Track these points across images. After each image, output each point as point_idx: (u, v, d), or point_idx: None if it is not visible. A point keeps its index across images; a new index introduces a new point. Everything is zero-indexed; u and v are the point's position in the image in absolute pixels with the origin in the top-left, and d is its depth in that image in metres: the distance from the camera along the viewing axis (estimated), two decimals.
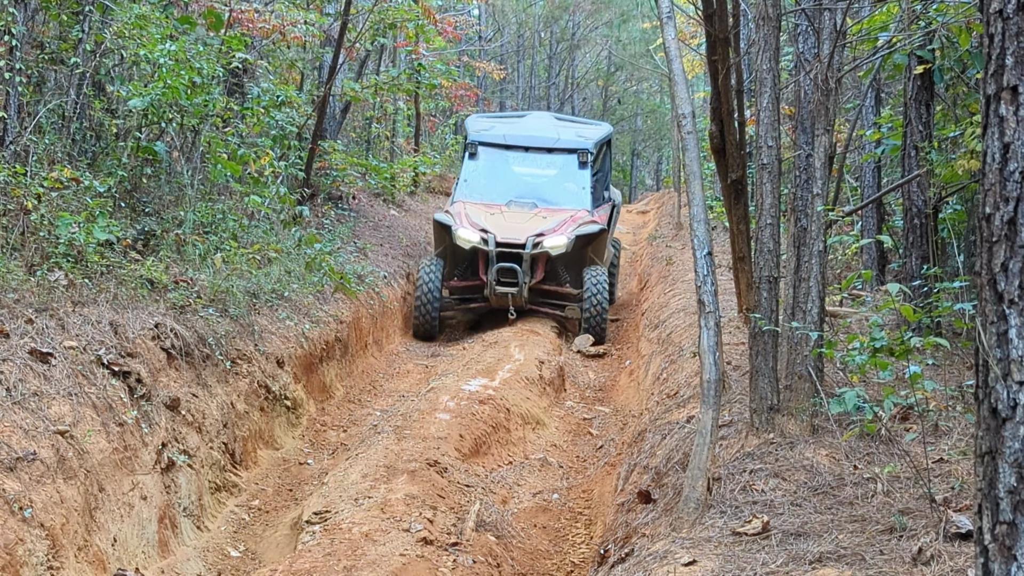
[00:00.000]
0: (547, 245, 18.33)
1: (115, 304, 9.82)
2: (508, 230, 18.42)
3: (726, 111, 11.21)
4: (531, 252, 18.17)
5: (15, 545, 6.76)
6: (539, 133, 20.88)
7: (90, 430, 8.12)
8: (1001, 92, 3.11)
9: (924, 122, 11.08)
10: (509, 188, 19.84)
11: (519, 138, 20.57)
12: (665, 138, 54.02)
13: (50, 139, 11.32)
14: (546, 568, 9.23)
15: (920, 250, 11.09)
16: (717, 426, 7.50)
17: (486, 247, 18.25)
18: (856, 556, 5.76)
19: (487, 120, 22.62)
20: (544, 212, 19.14)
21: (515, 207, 19.31)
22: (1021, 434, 3.03)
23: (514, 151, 20.41)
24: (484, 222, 18.61)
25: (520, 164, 20.31)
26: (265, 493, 10.75)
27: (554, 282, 18.81)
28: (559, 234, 18.49)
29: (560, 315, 18.77)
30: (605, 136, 21.53)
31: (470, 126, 21.49)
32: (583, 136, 20.85)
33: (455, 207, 19.36)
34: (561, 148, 20.32)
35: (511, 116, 23.81)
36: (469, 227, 18.50)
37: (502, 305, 18.30)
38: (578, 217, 19.02)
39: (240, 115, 15.52)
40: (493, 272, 18.13)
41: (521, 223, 18.67)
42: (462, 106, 33.45)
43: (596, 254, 18.99)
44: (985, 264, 3.14)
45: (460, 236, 18.44)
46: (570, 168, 20.13)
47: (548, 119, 22.76)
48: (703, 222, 7.87)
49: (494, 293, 18.18)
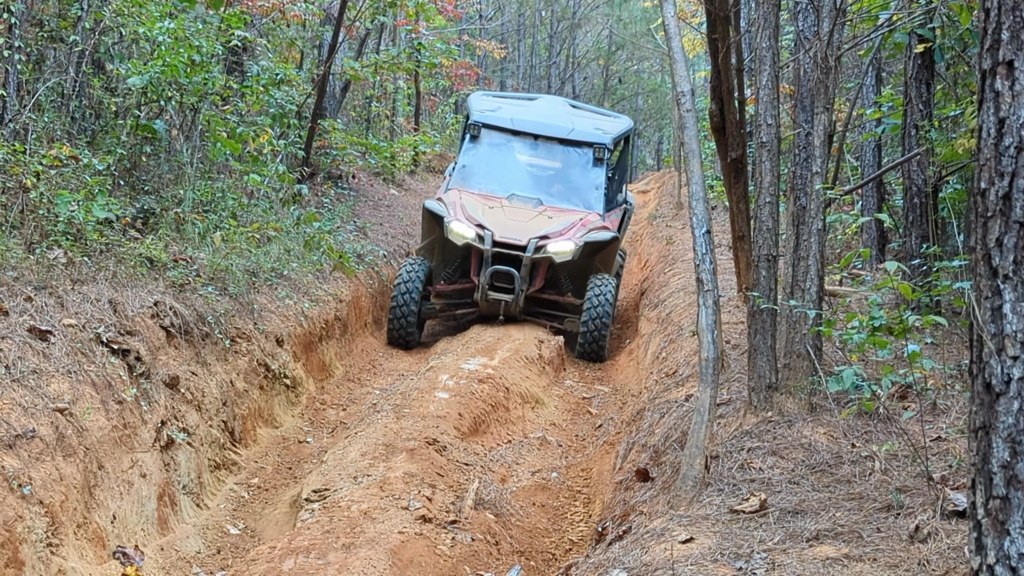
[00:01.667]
0: (551, 250, 16.23)
1: (114, 282, 9.82)
2: (508, 228, 16.28)
3: (726, 90, 11.20)
4: (532, 256, 16.10)
5: (14, 522, 6.77)
6: (552, 121, 18.40)
7: (89, 408, 8.12)
8: (997, 67, 3.10)
9: (924, 101, 11.06)
10: (512, 180, 17.52)
11: (529, 124, 18.12)
12: (666, 118, 53.94)
13: (49, 117, 11.30)
14: (544, 546, 9.25)
15: (920, 229, 11.09)
16: (715, 404, 7.51)
17: (481, 245, 16.12)
18: (853, 534, 5.77)
19: (493, 100, 19.84)
20: (550, 211, 16.93)
21: (517, 202, 17.04)
22: (1015, 409, 3.03)
23: (522, 138, 17.98)
24: (481, 216, 16.42)
25: (527, 154, 17.98)
26: (264, 471, 10.77)
27: (554, 291, 16.83)
28: (566, 238, 16.35)
29: (558, 327, 16.60)
30: (625, 131, 19.17)
31: (474, 104, 18.98)
32: (601, 129, 18.43)
33: (449, 195, 17.18)
34: (576, 140, 17.88)
35: (520, 98, 21.50)
36: (464, 221, 16.36)
37: (492, 313, 16.34)
38: (588, 221, 16.87)
39: (239, 94, 15.51)
40: (486, 275, 16.06)
41: (523, 222, 16.50)
42: (462, 85, 33.40)
43: (604, 264, 17.00)
44: (980, 239, 3.14)
45: (453, 231, 16.32)
46: (584, 164, 17.78)
47: (562, 105, 20.34)
48: (702, 200, 7.87)
49: (485, 299, 16.17)
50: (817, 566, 5.33)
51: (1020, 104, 3.05)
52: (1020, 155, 3.05)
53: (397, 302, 16.14)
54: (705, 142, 22.56)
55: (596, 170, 17.68)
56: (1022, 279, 3.03)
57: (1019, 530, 3.03)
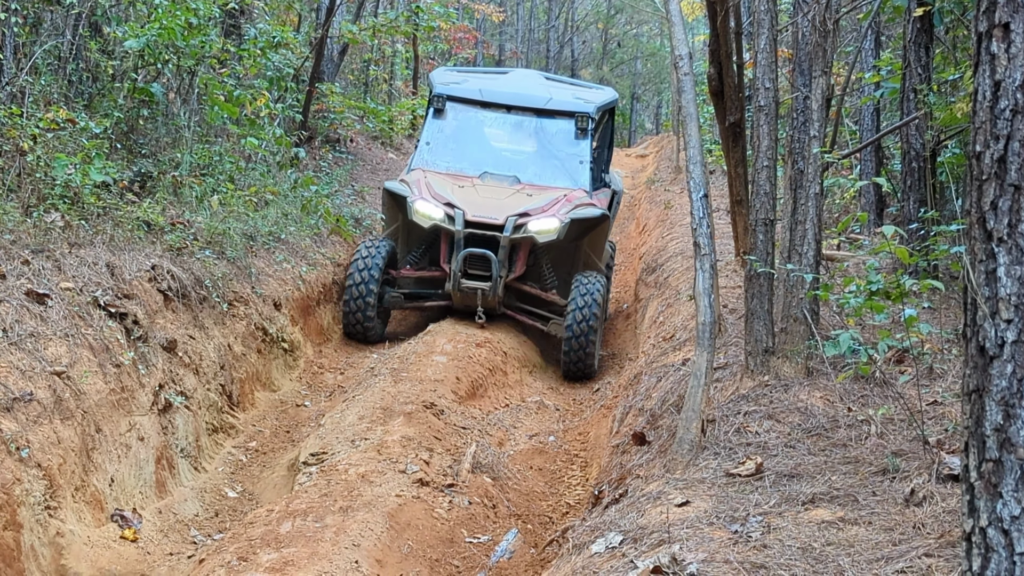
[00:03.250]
0: (533, 229, 13.96)
1: (111, 246, 9.82)
2: (482, 206, 14.11)
3: (724, 53, 11.16)
4: (511, 236, 13.84)
5: (12, 485, 6.80)
6: (525, 91, 16.20)
7: (87, 371, 8.14)
8: (993, 29, 3.10)
9: (923, 65, 11.03)
10: (484, 157, 15.30)
11: (500, 95, 15.92)
12: (665, 82, 53.74)
13: (46, 80, 11.28)
14: (541, 509, 9.29)
15: (918, 193, 11.08)
16: (712, 368, 7.52)
17: (452, 226, 13.89)
18: (849, 497, 5.79)
19: (459, 73, 17.49)
20: (529, 189, 14.72)
21: (491, 180, 14.86)
22: (1008, 372, 3.04)
23: (493, 111, 15.75)
24: (451, 195, 14.23)
25: (500, 128, 15.83)
26: (262, 435, 10.80)
27: (537, 283, 14.61)
28: (549, 215, 14.12)
29: (541, 328, 14.35)
30: (608, 102, 16.78)
31: (436, 78, 16.62)
32: (582, 99, 16.24)
33: (413, 175, 14.90)
34: (555, 110, 15.66)
35: (490, 72, 19.67)
36: (431, 200, 14.17)
37: (467, 305, 13.88)
38: (573, 197, 14.60)
39: (237, 57, 15.45)
40: (459, 260, 13.76)
41: (500, 199, 14.34)
42: (461, 48, 33.33)
43: (594, 249, 14.86)
44: (975, 202, 3.14)
45: (418, 211, 14.12)
46: (565, 136, 15.53)
47: (536, 77, 17.83)
48: (699, 164, 7.86)
49: (458, 288, 13.80)
50: (812, 529, 5.35)
51: (1016, 67, 3.04)
52: (1015, 118, 3.05)
53: (352, 295, 14.02)
54: (703, 106, 22.52)
55: (580, 143, 15.45)
56: (1016, 242, 3.03)
57: (1012, 493, 3.05)
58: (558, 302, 14.19)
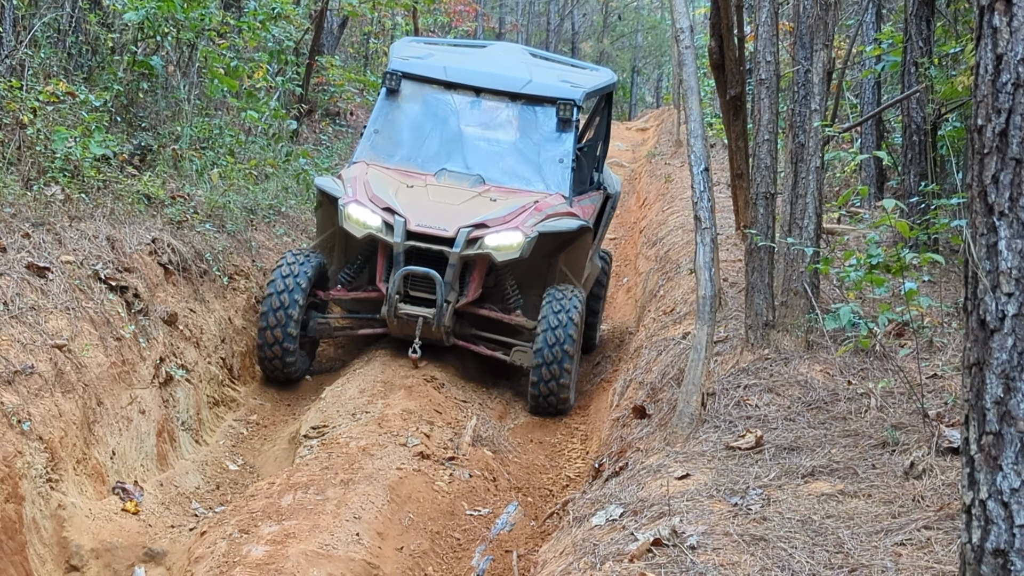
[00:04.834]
0: (490, 244, 11.03)
1: (112, 219, 9.82)
2: (429, 214, 11.20)
3: (725, 26, 11.13)
4: (462, 253, 10.96)
5: (14, 458, 6.81)
6: (500, 71, 13.08)
7: (88, 344, 8.15)
8: (995, 3, 3.09)
9: (924, 38, 11.01)
10: (443, 150, 12.38)
11: (468, 74, 12.89)
12: (666, 55, 53.55)
13: (46, 53, 11.25)
14: (542, 482, 9.32)
15: (919, 167, 11.08)
16: (712, 342, 7.54)
17: (389, 238, 11.00)
18: (848, 470, 5.81)
19: (423, 47, 14.13)
20: (494, 192, 11.80)
21: (448, 179, 11.93)
22: (1009, 345, 3.05)
23: (458, 93, 12.73)
24: (392, 198, 11.29)
25: (466, 114, 12.75)
26: (263, 408, 10.81)
27: (498, 305, 11.67)
28: (511, 227, 11.17)
29: (504, 359, 11.38)
30: (601, 86, 13.60)
31: (396, 51, 13.61)
32: (569, 82, 13.14)
33: (352, 170, 12.04)
34: (533, 96, 12.66)
35: (464, 45, 15.97)
36: (367, 204, 11.24)
37: (406, 335, 10.96)
38: (546, 205, 11.66)
39: (236, 29, 15.40)
40: (396, 280, 10.92)
41: (453, 205, 11.41)
42: (461, 21, 33.20)
43: (572, 267, 11.96)
44: (976, 176, 3.14)
45: (350, 216, 11.20)
46: (544, 127, 12.58)
47: (519, 54, 14.42)
48: (700, 138, 7.86)
49: (395, 314, 10.94)
50: (812, 502, 5.37)
51: (1018, 40, 3.04)
52: (1017, 92, 3.05)
53: (268, 322, 10.93)
54: (704, 79, 22.47)
55: (561, 136, 12.48)
56: (1018, 216, 3.03)
57: (1011, 465, 3.06)
58: (525, 325, 11.39)
